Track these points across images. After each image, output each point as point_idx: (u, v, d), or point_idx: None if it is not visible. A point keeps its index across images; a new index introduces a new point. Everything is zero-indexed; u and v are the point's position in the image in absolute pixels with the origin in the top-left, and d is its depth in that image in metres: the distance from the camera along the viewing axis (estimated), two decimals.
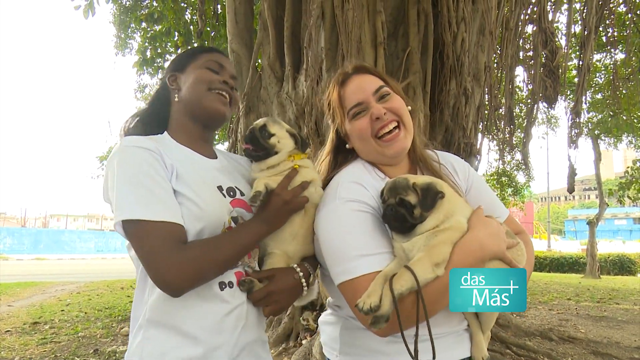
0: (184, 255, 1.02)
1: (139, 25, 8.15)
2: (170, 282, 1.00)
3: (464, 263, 1.03)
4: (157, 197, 1.04)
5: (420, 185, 1.09)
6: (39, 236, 31.87)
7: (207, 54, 1.29)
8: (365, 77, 1.29)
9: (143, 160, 1.06)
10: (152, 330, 1.07)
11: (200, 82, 1.23)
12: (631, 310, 8.54)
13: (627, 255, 21.14)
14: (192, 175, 1.15)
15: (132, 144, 1.09)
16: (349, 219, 1.12)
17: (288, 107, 4.60)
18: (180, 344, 1.06)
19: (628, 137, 15.30)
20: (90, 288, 11.31)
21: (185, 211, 1.09)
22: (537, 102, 6.14)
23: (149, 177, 1.05)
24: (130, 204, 1.02)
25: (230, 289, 1.13)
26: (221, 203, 1.17)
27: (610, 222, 45.91)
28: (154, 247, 1.01)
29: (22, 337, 5.56)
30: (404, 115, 1.25)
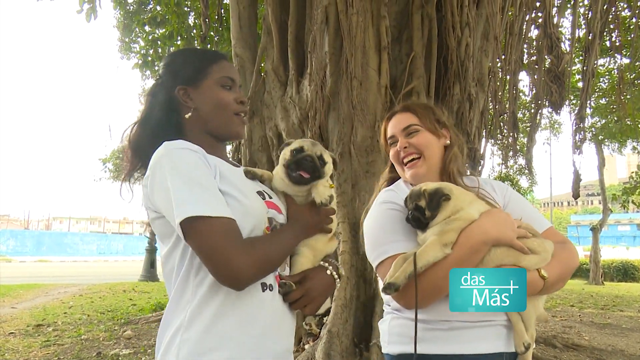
0: (247, 250, 1.04)
1: (142, 29, 8.18)
2: (238, 275, 1.03)
3: (467, 244, 1.22)
4: (213, 194, 1.07)
5: (428, 191, 1.32)
6: (42, 238, 32.00)
7: (216, 66, 1.28)
8: (404, 115, 1.59)
9: (192, 161, 1.09)
10: (192, 332, 1.06)
11: (223, 107, 1.26)
12: (635, 318, 8.47)
13: (631, 261, 20.98)
14: (233, 176, 1.18)
15: (178, 147, 1.11)
16: (383, 215, 1.44)
17: (292, 112, 4.60)
18: (219, 346, 1.06)
19: (632, 142, 15.24)
20: (92, 290, 11.32)
21: (234, 209, 1.10)
22: (541, 107, 6.13)
23: (202, 176, 1.08)
24: (189, 202, 1.03)
25: (270, 292, 1.15)
26: (261, 204, 1.20)
27: (614, 228, 45.57)
28: (219, 242, 1.02)
29: (26, 339, 5.56)
30: (425, 150, 1.52)
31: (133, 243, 37.44)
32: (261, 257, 1.07)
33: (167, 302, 1.16)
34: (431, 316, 1.29)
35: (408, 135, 1.55)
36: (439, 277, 1.21)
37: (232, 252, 1.02)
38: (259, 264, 1.06)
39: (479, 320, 1.27)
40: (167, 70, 1.31)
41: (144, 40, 8.37)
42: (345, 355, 3.71)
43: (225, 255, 1.02)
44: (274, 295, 1.15)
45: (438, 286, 1.23)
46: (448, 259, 1.22)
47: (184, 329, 1.07)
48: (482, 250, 1.23)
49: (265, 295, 1.13)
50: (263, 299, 1.13)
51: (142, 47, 8.48)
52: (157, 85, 1.31)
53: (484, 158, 5.43)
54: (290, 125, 4.61)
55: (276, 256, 1.13)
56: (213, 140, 1.28)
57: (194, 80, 1.26)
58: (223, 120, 1.27)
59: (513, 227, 1.26)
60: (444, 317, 1.28)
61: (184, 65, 1.29)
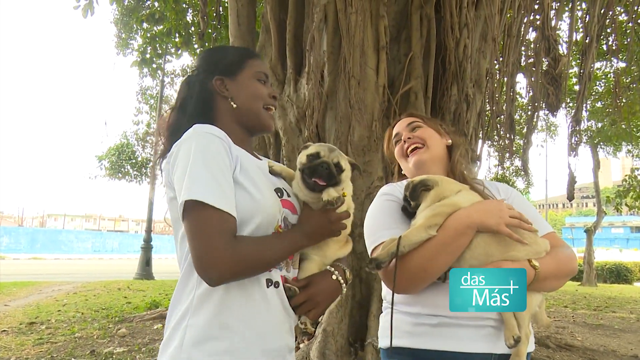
0: (231, 247, 1.04)
1: (140, 26, 8.14)
2: (215, 270, 1.03)
3: (452, 227, 1.25)
4: (221, 186, 1.08)
5: (414, 182, 1.39)
6: (36, 236, 31.79)
7: (252, 61, 1.34)
8: (408, 119, 1.65)
9: (215, 148, 1.11)
10: (197, 318, 1.08)
11: (257, 98, 1.30)
12: (627, 319, 8.54)
13: (624, 263, 21.19)
14: (253, 171, 1.19)
15: (206, 131, 1.14)
16: (381, 205, 1.49)
17: (289, 110, 4.59)
18: (220, 335, 1.07)
19: (627, 145, 15.35)
20: (87, 288, 11.26)
21: (245, 203, 1.12)
22: (537, 109, 6.15)
23: (218, 166, 1.09)
24: (199, 186, 1.05)
25: (275, 289, 1.15)
26: (276, 201, 1.19)
27: (608, 231, 45.93)
28: (210, 233, 1.03)
29: (19, 337, 5.52)
30: (428, 140, 1.56)
31: (128, 241, 37.32)
32: (244, 257, 1.05)
33: (162, 300, 1.16)
34: (419, 309, 1.31)
35: (412, 130, 1.60)
36: (424, 257, 1.25)
37: (216, 245, 1.03)
38: (240, 264, 1.05)
39: (469, 318, 1.26)
40: (205, 62, 1.36)
41: (142, 37, 8.33)
42: (340, 355, 3.71)
43: (208, 247, 1.03)
44: (279, 293, 1.16)
45: (423, 267, 1.25)
46: (433, 240, 1.25)
47: (191, 314, 1.09)
48: (467, 233, 1.25)
49: (270, 291, 1.14)
50: (267, 295, 1.13)
51: (140, 44, 8.44)
52: (193, 76, 1.35)
53: (481, 159, 5.45)
54: (288, 124, 4.61)
55: (264, 258, 1.10)
56: (243, 132, 1.32)
57: (231, 71, 1.31)
58: (255, 111, 1.30)
59: (502, 216, 1.26)
60: (433, 310, 1.29)
61: (222, 58, 1.35)
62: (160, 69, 9.38)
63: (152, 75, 9.08)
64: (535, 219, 1.41)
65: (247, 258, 1.06)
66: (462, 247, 1.24)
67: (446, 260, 1.25)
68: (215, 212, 1.04)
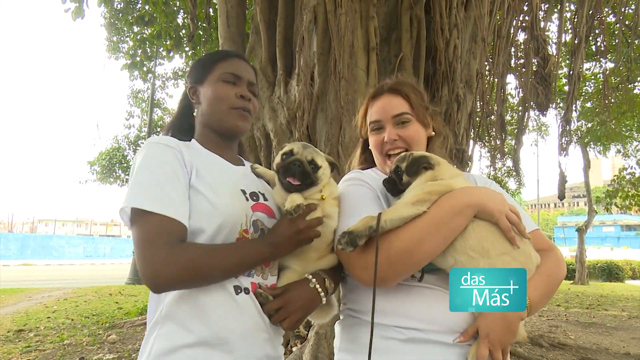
0: (175, 253, 1.02)
1: (130, 28, 8.09)
2: (154, 276, 1.01)
3: (447, 204, 1.08)
4: (166, 193, 1.06)
5: (414, 155, 1.22)
6: (27, 241, 31.38)
7: (223, 63, 1.29)
8: (394, 99, 1.39)
9: (163, 157, 1.11)
10: (167, 327, 1.07)
11: (219, 100, 1.26)
12: (619, 317, 8.61)
13: (615, 262, 21.40)
14: (213, 175, 1.17)
15: (156, 141, 1.14)
16: (348, 190, 1.28)
17: (280, 112, 4.57)
18: (189, 345, 1.05)
19: (616, 145, 15.50)
20: (77, 294, 11.14)
21: (201, 208, 1.10)
22: (528, 109, 6.19)
23: (164, 173, 1.08)
24: (139, 194, 1.05)
25: (246, 295, 1.12)
26: (241, 204, 1.16)
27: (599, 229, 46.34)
28: (148, 238, 1.02)
29: (6, 345, 5.44)
30: (414, 145, 1.36)
31: (120, 246, 36.97)
32: (187, 265, 1.02)
33: None
34: (388, 319, 1.11)
35: (398, 124, 1.37)
36: (411, 238, 1.05)
37: (157, 252, 1.01)
38: (185, 271, 1.02)
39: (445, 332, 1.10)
40: (188, 76, 1.37)
41: (132, 40, 8.28)
42: (333, 358, 3.69)
43: (149, 254, 1.01)
44: (250, 299, 1.12)
45: (409, 250, 1.05)
46: (424, 217, 1.06)
47: (160, 324, 1.08)
48: (465, 213, 1.07)
49: (240, 298, 1.10)
50: (238, 302, 1.10)
51: (130, 47, 8.38)
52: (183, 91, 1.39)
53: (472, 160, 5.45)
54: (278, 125, 4.58)
55: (215, 266, 1.05)
56: (217, 137, 1.30)
57: (200, 78, 1.29)
58: (218, 114, 1.27)
59: (505, 204, 1.12)
60: (403, 322, 1.11)
61: (196, 65, 1.35)
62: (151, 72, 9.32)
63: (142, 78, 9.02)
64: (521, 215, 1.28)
65: (193, 265, 1.02)
66: (457, 230, 1.07)
67: (437, 243, 1.06)
68: (154, 217, 1.03)
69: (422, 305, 1.11)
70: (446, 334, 1.09)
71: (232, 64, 1.30)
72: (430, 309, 1.10)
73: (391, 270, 1.06)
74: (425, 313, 1.10)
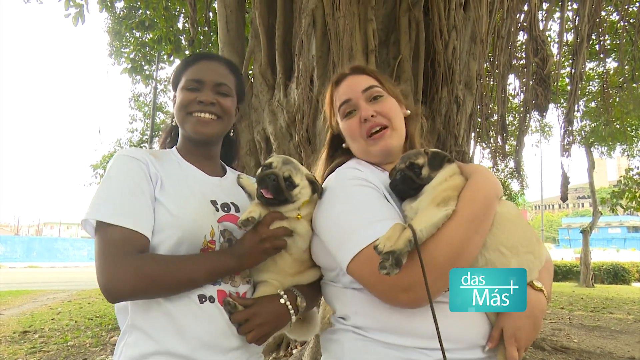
0: (130, 264, 1.02)
1: (131, 33, 8.15)
2: (109, 286, 1.02)
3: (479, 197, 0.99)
4: (128, 205, 1.07)
5: (432, 150, 1.13)
6: (32, 244, 31.60)
7: (189, 69, 1.30)
8: (359, 77, 1.28)
9: (128, 169, 1.12)
10: (133, 336, 1.08)
11: (179, 108, 1.28)
12: (625, 320, 8.52)
13: (621, 264, 21.18)
14: (178, 186, 1.17)
15: (123, 153, 1.16)
16: (355, 193, 1.09)
17: (279, 115, 4.58)
18: (154, 352, 1.06)
19: (621, 145, 15.39)
20: (81, 296, 11.21)
21: (162, 219, 1.11)
22: (529, 110, 6.15)
23: (127, 186, 1.09)
24: (99, 205, 1.07)
25: (211, 304, 1.11)
26: (205, 216, 1.16)
27: (604, 231, 45.98)
28: (105, 249, 1.04)
29: (11, 346, 5.49)
30: (394, 119, 1.23)
31: None
32: (141, 275, 1.02)
33: None
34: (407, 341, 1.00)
35: (372, 100, 1.24)
36: (453, 243, 0.93)
37: (113, 262, 1.02)
38: (141, 282, 1.02)
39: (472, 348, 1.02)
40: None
41: (132, 44, 8.34)
42: None
43: (105, 264, 1.02)
44: (217, 308, 1.12)
45: (454, 257, 0.93)
46: (458, 218, 0.95)
47: (128, 333, 1.09)
48: (495, 205, 1.01)
49: (205, 306, 1.10)
50: (202, 311, 1.10)
51: (130, 51, 8.44)
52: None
53: (474, 161, 5.44)
54: (278, 128, 4.60)
55: (173, 277, 1.05)
56: (192, 146, 1.30)
57: (175, 86, 1.32)
58: (180, 121, 1.29)
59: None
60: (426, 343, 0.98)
61: (173, 73, 1.37)
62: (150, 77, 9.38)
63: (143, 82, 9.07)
64: None
65: (147, 276, 1.03)
66: (490, 223, 0.99)
67: (478, 243, 0.97)
68: (111, 228, 1.04)
69: (445, 323, 0.95)
70: (472, 349, 1.02)
71: (196, 69, 1.29)
72: (453, 327, 1.00)
73: (436, 286, 0.93)
74: (450, 332, 0.98)
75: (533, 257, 1.04)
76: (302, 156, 4.27)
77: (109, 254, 1.03)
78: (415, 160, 1.09)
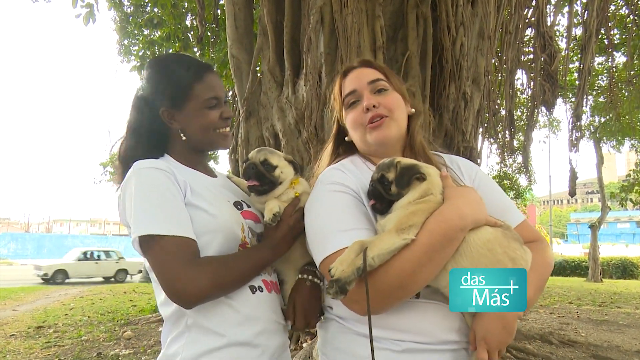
0: (197, 270, 1.06)
1: (139, 31, 8.21)
2: (185, 294, 1.04)
3: (439, 229, 0.99)
4: (171, 214, 1.09)
5: (402, 164, 1.10)
6: (42, 241, 31.94)
7: (201, 85, 1.25)
8: (367, 70, 1.31)
9: (157, 181, 1.11)
10: (194, 334, 1.11)
11: (207, 129, 1.26)
12: (633, 314, 8.51)
13: (630, 259, 21.07)
14: (205, 190, 1.20)
15: (146, 166, 1.14)
16: (328, 199, 1.14)
17: (288, 112, 4.62)
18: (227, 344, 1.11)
19: (630, 140, 15.26)
20: (93, 292, 11.35)
21: (204, 223, 1.14)
22: (537, 106, 6.15)
23: (163, 196, 1.10)
24: (146, 221, 1.07)
25: (261, 293, 1.19)
26: (236, 214, 1.22)
27: (613, 226, 45.60)
28: (167, 260, 1.05)
29: (27, 341, 5.60)
30: (396, 111, 1.26)
31: None
32: (212, 278, 1.07)
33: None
34: (381, 332, 1.06)
35: (376, 92, 1.27)
36: (403, 271, 0.97)
37: (180, 271, 1.04)
38: (210, 284, 1.06)
39: (439, 342, 1.08)
40: (151, 88, 1.27)
41: (141, 42, 8.40)
42: None
43: (173, 274, 1.05)
44: (268, 296, 1.21)
45: (400, 285, 0.99)
46: (413, 247, 0.97)
47: (187, 333, 1.12)
48: (459, 238, 1.00)
49: (258, 296, 1.18)
50: (258, 299, 1.18)
51: (139, 49, 8.51)
52: (141, 100, 1.28)
53: (481, 157, 5.45)
54: (287, 125, 4.64)
55: (232, 275, 1.12)
56: (197, 154, 1.32)
57: (178, 103, 1.24)
58: (208, 139, 1.29)
59: (484, 206, 1.08)
60: (397, 335, 1.07)
61: (167, 85, 1.25)
62: None
63: None
64: (505, 206, 1.25)
65: (217, 277, 1.08)
66: (449, 255, 1.01)
67: (431, 273, 1.00)
68: (167, 239, 1.06)
69: (417, 320, 1.08)
70: (440, 344, 1.08)
71: (209, 84, 1.27)
72: (424, 323, 1.09)
73: (383, 304, 1.01)
74: (420, 327, 1.08)
75: None
76: (311, 152, 4.31)
77: (173, 264, 1.05)
78: (386, 173, 1.09)
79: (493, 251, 1.03)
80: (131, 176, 1.13)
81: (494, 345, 1.04)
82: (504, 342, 1.05)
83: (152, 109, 1.26)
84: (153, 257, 1.07)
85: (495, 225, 1.06)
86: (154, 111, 1.26)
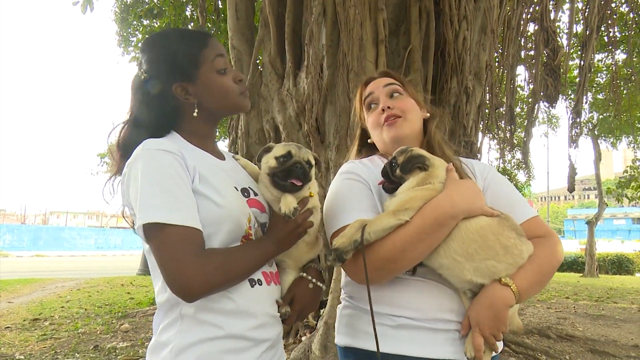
0: (202, 262, 1.02)
1: (139, 22, 8.14)
2: (187, 287, 1.01)
3: (431, 215, 1.11)
4: (179, 201, 1.04)
5: (413, 152, 1.22)
6: (39, 233, 31.89)
7: (208, 50, 1.20)
8: (385, 78, 1.48)
9: (167, 164, 1.06)
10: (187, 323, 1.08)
11: (226, 94, 1.22)
12: (629, 309, 8.58)
13: (626, 254, 21.23)
14: (214, 176, 1.15)
15: (155, 147, 1.08)
16: (342, 185, 1.32)
17: (289, 104, 4.60)
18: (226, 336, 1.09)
19: (628, 137, 15.31)
20: (90, 285, 11.33)
21: (209, 212, 1.09)
22: (538, 101, 6.15)
23: (172, 181, 1.05)
24: (153, 207, 1.02)
25: (260, 286, 1.17)
26: (243, 203, 1.17)
27: (609, 222, 45.93)
28: (174, 251, 1.01)
29: (22, 333, 5.57)
30: (409, 113, 1.39)
31: (131, 237, 37.29)
32: (216, 271, 1.04)
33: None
34: (378, 308, 1.18)
35: (391, 96, 1.43)
36: (396, 247, 1.10)
37: (185, 263, 1.01)
38: (214, 278, 1.03)
39: (433, 320, 1.17)
40: (156, 66, 1.20)
41: (141, 33, 8.33)
42: None
43: (177, 266, 1.01)
44: (267, 289, 1.19)
45: (393, 258, 1.11)
46: (407, 227, 1.10)
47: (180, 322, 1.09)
48: (449, 225, 1.11)
49: (256, 289, 1.16)
50: (257, 293, 1.16)
51: (139, 40, 8.44)
52: (145, 82, 1.21)
53: (481, 152, 5.45)
54: (287, 118, 4.61)
55: (236, 270, 1.09)
56: (208, 127, 1.27)
57: (189, 73, 1.19)
58: (230, 105, 1.25)
59: (483, 198, 1.17)
60: (393, 310, 1.19)
61: (174, 58, 1.19)
62: None
63: None
64: (517, 202, 1.31)
65: (221, 271, 1.05)
66: (440, 239, 1.11)
67: (421, 252, 1.12)
68: (174, 229, 1.01)
69: (411, 296, 1.19)
70: (433, 322, 1.17)
71: (212, 49, 1.23)
72: (418, 300, 1.18)
73: (378, 275, 1.15)
74: (414, 303, 1.18)
75: (495, 262, 1.12)
76: (312, 145, 4.29)
77: (178, 255, 1.01)
78: (398, 155, 1.22)
79: (485, 237, 1.11)
80: (139, 156, 1.07)
81: (488, 332, 1.12)
82: (496, 330, 1.12)
83: (161, 88, 1.19)
84: (157, 247, 1.03)
85: (492, 216, 1.14)
86: (165, 90, 1.19)
